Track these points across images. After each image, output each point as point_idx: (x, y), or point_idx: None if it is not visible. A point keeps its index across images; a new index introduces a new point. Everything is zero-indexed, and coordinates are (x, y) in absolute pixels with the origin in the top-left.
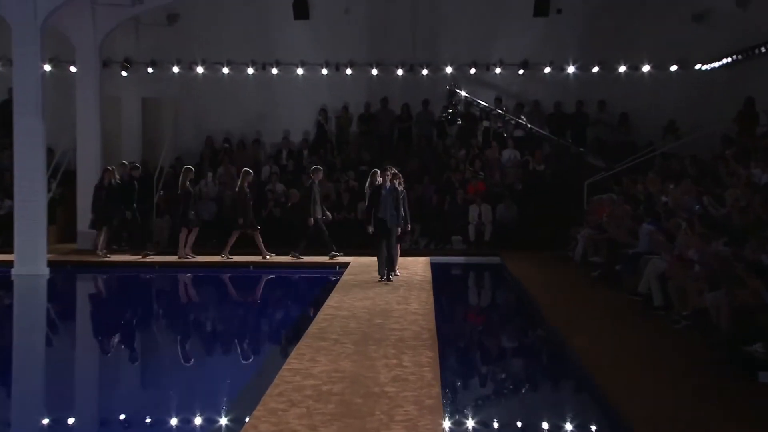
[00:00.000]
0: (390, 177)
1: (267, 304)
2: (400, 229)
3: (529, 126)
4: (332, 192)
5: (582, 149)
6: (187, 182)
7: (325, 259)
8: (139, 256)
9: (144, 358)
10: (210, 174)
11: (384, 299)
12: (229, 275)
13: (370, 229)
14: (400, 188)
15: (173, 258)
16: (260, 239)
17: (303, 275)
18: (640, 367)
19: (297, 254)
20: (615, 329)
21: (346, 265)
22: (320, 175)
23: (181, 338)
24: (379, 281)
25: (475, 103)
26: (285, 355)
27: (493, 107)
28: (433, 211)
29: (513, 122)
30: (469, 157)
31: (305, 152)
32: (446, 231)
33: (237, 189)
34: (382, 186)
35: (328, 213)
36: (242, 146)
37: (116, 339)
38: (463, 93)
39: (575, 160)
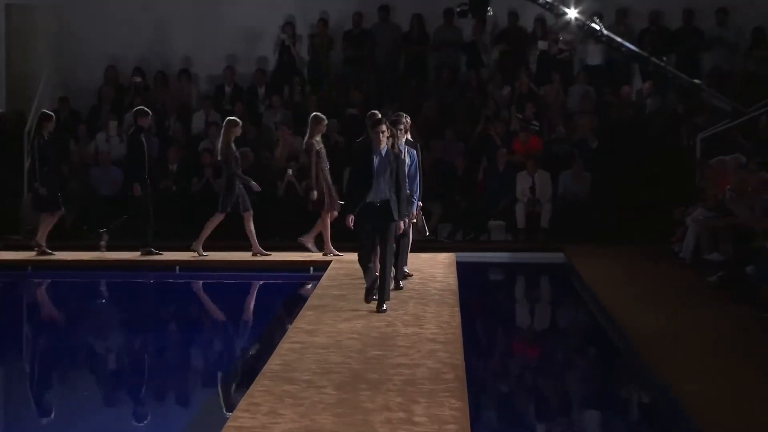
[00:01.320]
0: (387, 135)
1: (197, 328)
2: (405, 221)
3: (619, 42)
4: (299, 150)
5: (696, 82)
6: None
7: (292, 255)
8: None
9: None
10: (114, 124)
11: (385, 319)
12: (142, 280)
13: (350, 221)
14: (405, 152)
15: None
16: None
17: (257, 280)
18: None
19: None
20: (746, 371)
21: (325, 265)
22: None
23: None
24: (371, 299)
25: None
26: (228, 406)
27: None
28: (461, 182)
29: (589, 39)
30: (516, 98)
31: (261, 90)
32: (481, 213)
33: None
34: (371, 149)
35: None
36: (163, 81)
37: None
38: None
39: (682, 100)
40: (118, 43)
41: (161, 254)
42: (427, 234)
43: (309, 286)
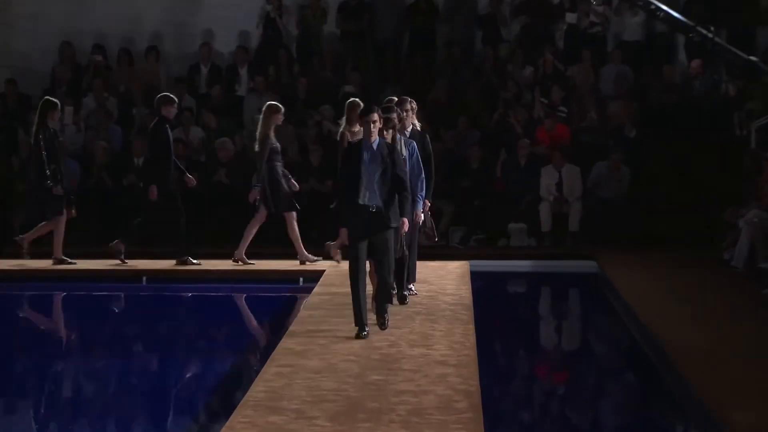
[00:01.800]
0: (379, 124)
1: (168, 348)
2: (407, 222)
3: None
4: (293, 142)
5: (751, 59)
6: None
7: (278, 264)
8: None
9: None
10: (70, 110)
11: (387, 338)
12: (107, 293)
13: (344, 237)
14: (401, 145)
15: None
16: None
17: (239, 293)
18: None
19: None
20: None
21: (317, 275)
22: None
23: None
24: (360, 336)
25: None
26: None
27: None
28: (475, 178)
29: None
30: (539, 79)
31: (242, 71)
32: (499, 214)
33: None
34: (358, 142)
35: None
36: (127, 59)
37: None
38: None
39: (735, 82)
40: (74, 17)
41: (200, 264)
42: (437, 239)
43: (299, 299)
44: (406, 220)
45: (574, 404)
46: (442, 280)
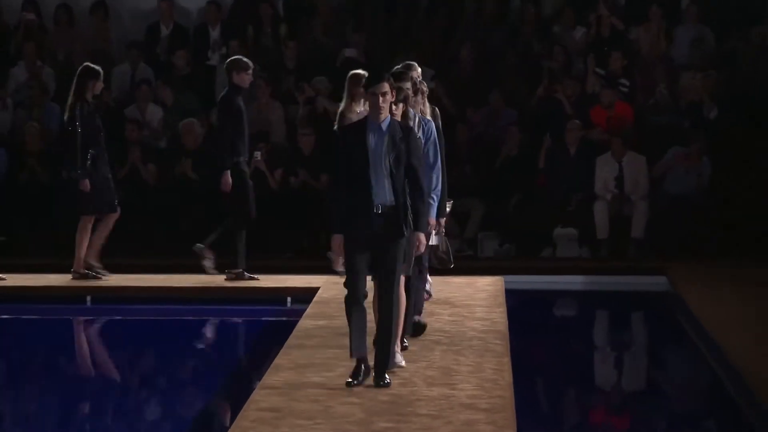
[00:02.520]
0: (390, 97)
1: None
2: (423, 240)
3: None
4: (280, 123)
5: None
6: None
7: (261, 280)
8: None
9: None
10: None
11: (399, 375)
12: (42, 316)
13: (338, 247)
14: (415, 124)
15: None
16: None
17: (211, 316)
18: None
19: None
20: None
21: (309, 294)
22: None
23: None
24: (350, 384)
25: None
26: None
27: None
28: (512, 170)
29: None
30: (593, 43)
31: (213, 32)
32: (542, 217)
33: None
34: (361, 122)
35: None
36: (67, 19)
37: None
38: None
39: None
40: None
41: (257, 279)
42: (452, 265)
43: (286, 324)
44: (422, 237)
45: None
46: (470, 301)
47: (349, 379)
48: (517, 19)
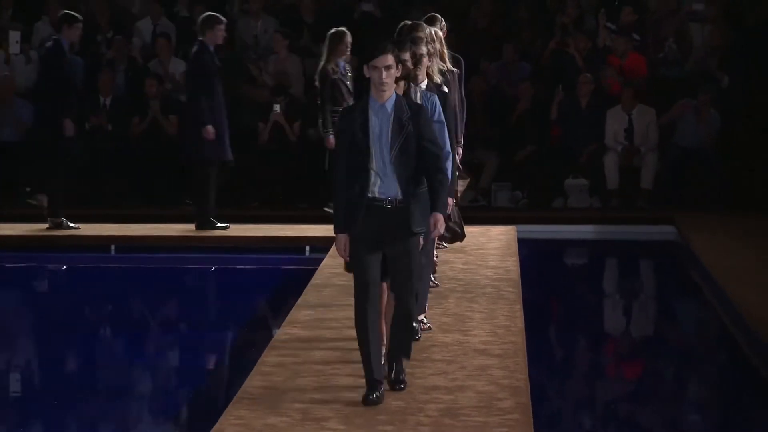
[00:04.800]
0: (395, 71)
1: (143, 332)
2: (441, 220)
3: None
4: (299, 77)
5: None
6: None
7: (280, 229)
8: None
9: None
10: (15, 35)
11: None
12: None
13: (343, 249)
14: (418, 97)
15: None
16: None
17: (232, 264)
18: None
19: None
20: None
21: (327, 243)
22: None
23: None
24: (369, 399)
25: None
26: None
27: None
28: (525, 122)
29: None
30: None
31: None
32: (554, 168)
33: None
34: (362, 103)
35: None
36: None
37: None
38: None
39: None
40: None
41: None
42: (464, 238)
43: (305, 273)
44: (440, 217)
45: (644, 403)
46: (483, 249)
47: (364, 396)
48: None
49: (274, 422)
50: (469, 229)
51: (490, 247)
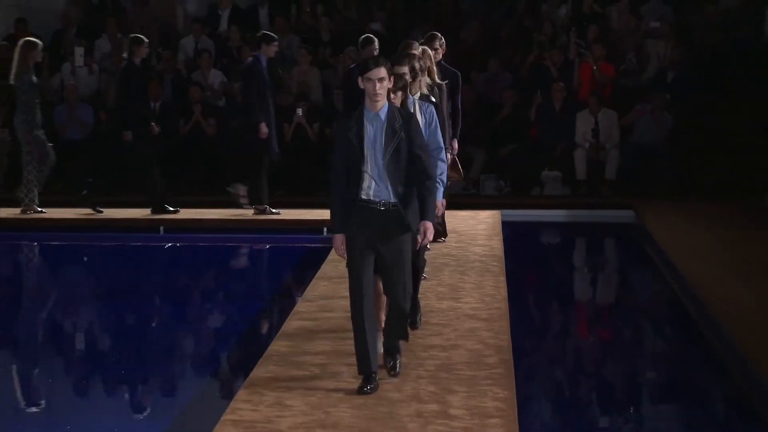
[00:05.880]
0: (388, 83)
1: (187, 300)
2: (431, 227)
3: None
4: (316, 84)
5: None
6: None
7: (300, 213)
8: None
9: None
10: (80, 51)
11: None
12: (112, 244)
13: (340, 247)
14: (416, 108)
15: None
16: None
17: (259, 243)
18: None
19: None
20: None
21: None
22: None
23: None
24: (364, 390)
25: None
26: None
27: None
28: (508, 123)
29: None
30: (572, 17)
31: (262, 11)
32: (532, 161)
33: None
34: (357, 113)
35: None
36: None
37: None
38: None
39: None
40: None
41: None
42: (445, 237)
43: (323, 250)
44: (430, 225)
45: (609, 361)
46: (473, 231)
47: (360, 386)
48: (512, 0)
49: (296, 374)
50: (460, 214)
51: (478, 229)
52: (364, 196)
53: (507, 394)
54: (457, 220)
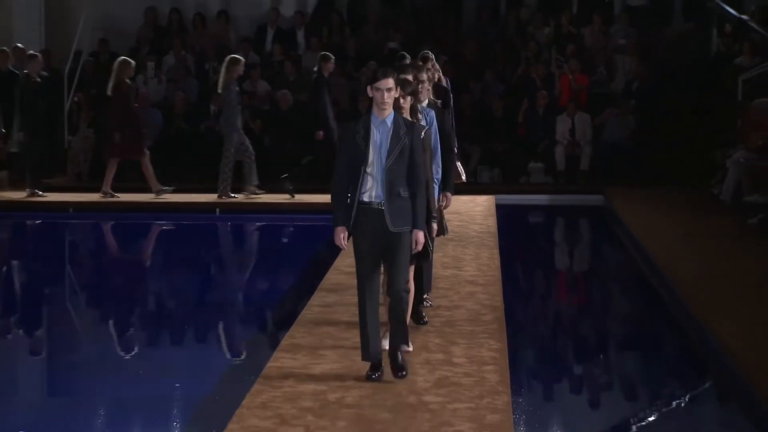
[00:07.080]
0: (395, 92)
1: (234, 269)
2: (422, 237)
3: None
4: (345, 93)
5: (743, 17)
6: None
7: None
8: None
9: None
10: (151, 65)
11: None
12: (180, 223)
13: (341, 239)
14: (418, 118)
15: (95, 196)
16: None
17: (299, 222)
18: None
19: (287, 188)
20: None
21: None
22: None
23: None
24: (372, 378)
25: None
26: (271, 344)
27: None
28: (500, 124)
29: None
30: (549, 35)
31: (300, 32)
32: (520, 156)
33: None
34: (365, 119)
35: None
36: (201, 22)
37: None
38: None
39: (725, 40)
40: None
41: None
42: (445, 233)
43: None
44: (420, 234)
45: (583, 318)
46: (472, 212)
47: (367, 374)
48: (504, 22)
49: (328, 330)
50: (461, 198)
51: (476, 211)
52: (366, 198)
53: (500, 345)
54: (459, 203)
